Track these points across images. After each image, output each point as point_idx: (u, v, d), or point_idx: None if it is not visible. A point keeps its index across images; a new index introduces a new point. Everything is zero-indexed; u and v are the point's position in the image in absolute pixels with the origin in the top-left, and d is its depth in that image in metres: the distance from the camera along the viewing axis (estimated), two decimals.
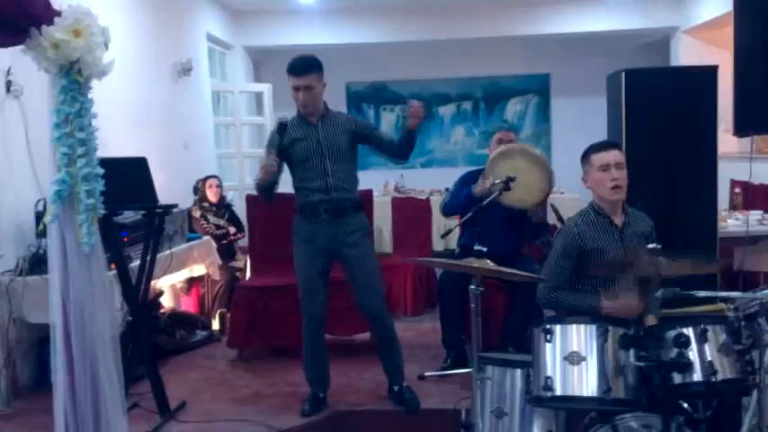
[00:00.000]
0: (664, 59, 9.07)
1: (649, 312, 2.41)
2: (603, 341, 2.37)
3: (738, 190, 6.15)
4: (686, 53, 8.49)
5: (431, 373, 4.18)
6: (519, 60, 9.77)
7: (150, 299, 4.38)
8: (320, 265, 3.70)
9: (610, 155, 3.05)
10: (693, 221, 3.74)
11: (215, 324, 5.42)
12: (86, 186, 2.59)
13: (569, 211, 4.36)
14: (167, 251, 4.46)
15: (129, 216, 4.12)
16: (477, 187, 4.14)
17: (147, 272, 3.82)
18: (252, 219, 5.17)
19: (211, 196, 5.93)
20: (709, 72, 3.81)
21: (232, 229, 5.97)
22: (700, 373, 2.32)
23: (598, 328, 2.38)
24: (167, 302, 5.29)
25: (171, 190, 4.93)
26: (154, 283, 4.16)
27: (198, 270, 5.27)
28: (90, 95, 2.64)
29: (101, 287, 2.69)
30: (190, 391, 4.14)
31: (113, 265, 3.55)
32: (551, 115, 9.95)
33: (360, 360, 4.48)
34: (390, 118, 9.97)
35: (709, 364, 2.32)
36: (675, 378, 2.33)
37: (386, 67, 9.66)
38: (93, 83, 2.67)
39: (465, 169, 4.75)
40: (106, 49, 2.58)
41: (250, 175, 8.46)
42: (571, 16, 8.62)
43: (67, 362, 2.60)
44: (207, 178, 6.03)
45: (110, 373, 2.66)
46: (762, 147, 7.58)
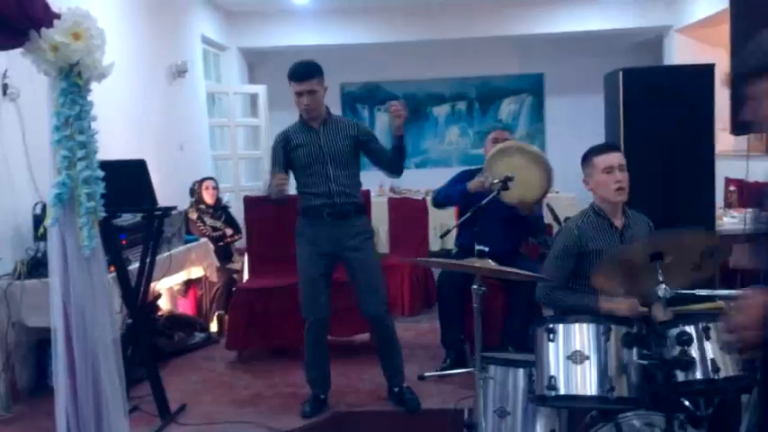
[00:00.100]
0: (657, 58, 9.10)
1: (655, 308, 2.43)
2: (606, 340, 2.38)
3: (733, 188, 6.18)
4: (680, 52, 8.52)
5: (430, 374, 4.19)
6: (513, 60, 9.79)
7: (148, 301, 4.37)
8: (323, 266, 3.71)
9: (613, 157, 3.07)
10: (692, 220, 3.75)
11: (213, 326, 5.42)
12: (87, 189, 2.59)
13: (564, 211, 4.40)
14: (166, 253, 4.45)
15: (127, 219, 4.12)
16: (473, 183, 4.15)
17: (146, 274, 3.81)
18: (250, 220, 5.16)
19: (208, 198, 5.92)
20: (706, 70, 3.82)
21: (229, 231, 5.96)
22: (702, 371, 2.34)
23: (601, 326, 2.39)
24: (165, 305, 5.28)
25: (166, 192, 4.91)
26: (153, 285, 4.15)
27: (196, 272, 5.26)
28: (89, 98, 2.64)
29: (101, 290, 2.69)
30: (189, 393, 4.13)
31: (113, 268, 3.54)
32: (545, 115, 9.97)
33: (359, 361, 4.48)
34: (384, 118, 9.95)
35: (712, 361, 2.33)
36: (678, 376, 2.34)
37: (380, 67, 9.66)
38: (91, 85, 2.68)
39: (460, 169, 4.76)
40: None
41: (245, 176, 8.46)
42: (564, 16, 8.65)
43: (69, 365, 2.60)
44: (203, 180, 6.02)
45: (111, 375, 2.66)
46: (756, 145, 7.61)
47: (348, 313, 4.19)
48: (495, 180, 3.87)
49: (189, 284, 5.53)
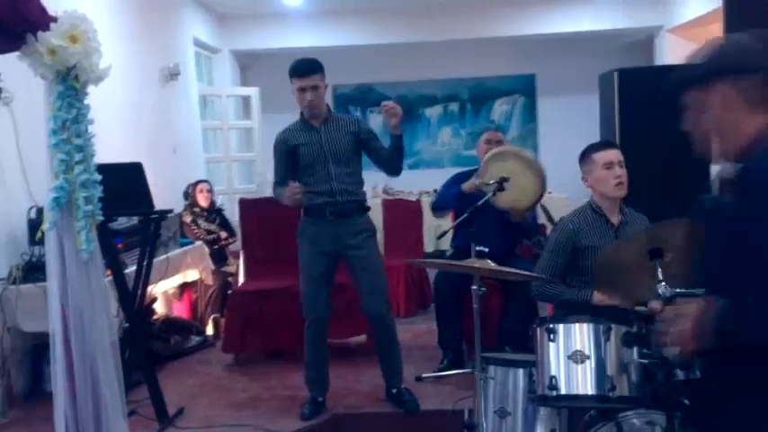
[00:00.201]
0: (648, 59, 9.14)
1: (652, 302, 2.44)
2: (606, 339, 2.39)
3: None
4: (670, 52, 8.55)
5: (428, 375, 4.19)
6: (504, 61, 9.81)
7: (144, 305, 4.35)
8: (324, 266, 3.70)
9: (612, 153, 3.10)
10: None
11: (209, 329, 5.40)
12: (85, 193, 2.58)
13: (558, 211, 4.40)
14: (163, 256, 4.43)
15: (122, 222, 4.10)
16: (467, 184, 4.15)
17: (143, 278, 3.80)
18: (245, 222, 5.16)
19: (202, 201, 5.91)
20: None
21: (223, 234, 5.95)
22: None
23: (601, 326, 2.40)
24: (160, 308, 5.26)
25: (160, 195, 4.87)
26: (149, 289, 4.14)
27: (191, 275, 5.24)
28: (86, 101, 2.64)
29: (100, 293, 2.68)
30: (187, 396, 4.11)
31: (109, 272, 3.52)
32: (538, 115, 10.00)
33: (357, 362, 4.48)
34: (377, 120, 9.95)
35: None
36: (679, 374, 2.35)
37: (372, 68, 9.67)
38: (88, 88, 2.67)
39: (452, 170, 4.77)
40: None
41: (238, 179, 8.45)
42: (555, 17, 8.68)
43: (67, 369, 2.58)
44: (197, 183, 6.01)
45: (110, 379, 2.65)
46: None
47: (346, 315, 4.20)
48: (490, 180, 3.87)
49: (184, 288, 5.51)
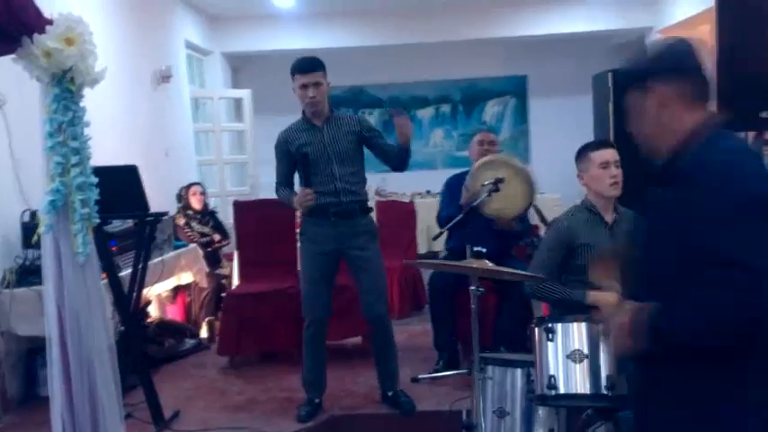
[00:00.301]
0: None
1: None
2: (605, 338, 2.40)
3: None
4: None
5: (424, 376, 4.20)
6: (496, 62, 9.83)
7: (139, 308, 4.33)
8: (325, 266, 3.70)
9: (608, 153, 3.11)
10: None
11: (203, 332, 5.39)
12: (81, 196, 2.57)
13: (550, 211, 4.41)
14: (158, 259, 4.42)
15: (117, 225, 4.09)
16: (463, 199, 4.16)
17: (139, 280, 3.79)
18: (239, 225, 5.15)
19: (195, 204, 5.89)
20: None
21: (217, 237, 5.93)
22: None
23: (600, 325, 2.40)
24: (153, 311, 5.24)
25: (153, 198, 4.86)
26: (145, 292, 4.12)
27: (185, 278, 5.22)
28: (82, 104, 2.63)
29: (96, 297, 2.67)
30: (182, 399, 4.10)
31: (104, 275, 3.51)
32: (529, 116, 10.01)
33: (353, 364, 4.48)
34: (370, 121, 9.98)
35: None
36: None
37: (364, 70, 9.66)
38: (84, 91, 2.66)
39: (445, 172, 4.77)
40: None
41: (231, 181, 8.43)
42: (546, 18, 8.70)
43: (64, 372, 2.57)
44: (190, 185, 6.00)
45: (107, 381, 2.64)
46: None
47: (342, 316, 4.20)
48: (485, 182, 3.88)
49: (177, 291, 5.49)
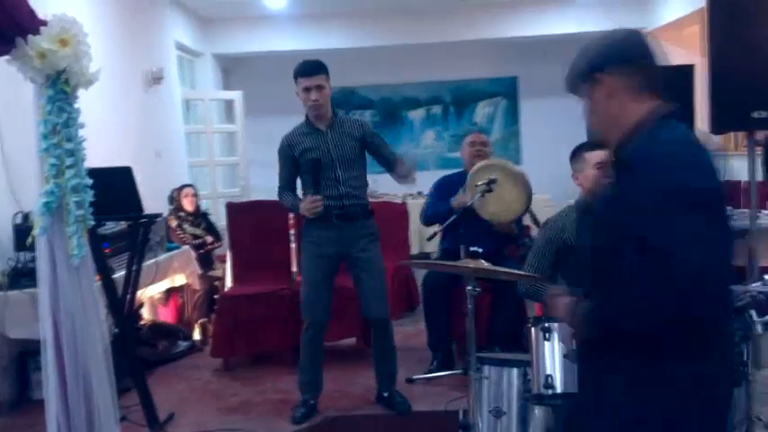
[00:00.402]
0: None
1: None
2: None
3: None
4: None
5: (419, 377, 4.20)
6: (487, 63, 9.85)
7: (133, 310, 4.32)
8: (327, 269, 3.71)
9: (604, 153, 3.10)
10: None
11: (196, 334, 5.37)
12: (76, 197, 2.56)
13: (541, 212, 4.43)
14: (151, 261, 4.40)
15: (110, 227, 4.07)
16: (456, 201, 4.17)
17: (132, 282, 3.77)
18: (233, 227, 5.14)
19: (188, 205, 5.87)
20: (686, 71, 3.88)
21: (209, 239, 5.91)
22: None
23: None
24: (146, 314, 5.22)
25: (144, 200, 4.85)
26: (138, 294, 4.11)
27: (178, 280, 5.20)
28: (77, 105, 2.62)
29: (91, 299, 2.66)
30: (177, 402, 4.09)
31: (98, 277, 3.49)
32: (520, 117, 10.04)
33: (348, 365, 4.49)
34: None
35: None
36: None
37: (355, 72, 9.64)
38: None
39: (436, 173, 4.78)
40: None
41: (222, 182, 8.41)
42: (536, 19, 8.73)
43: (59, 375, 2.56)
44: (182, 187, 5.98)
45: (102, 383, 2.63)
46: (724, 143, 7.75)
47: (337, 317, 4.18)
48: (478, 182, 3.89)
49: (169, 293, 5.47)
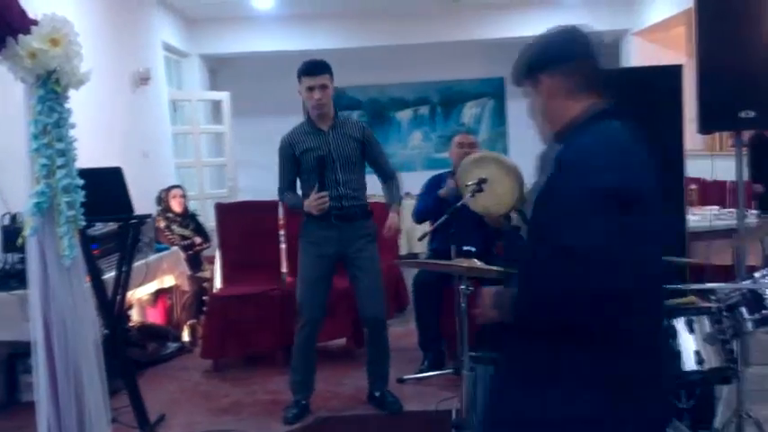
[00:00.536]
0: (614, 62, 9.27)
1: None
2: None
3: (693, 186, 6.34)
4: (637, 55, 8.71)
5: (410, 377, 4.20)
6: (474, 64, 9.88)
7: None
8: (325, 268, 3.71)
9: None
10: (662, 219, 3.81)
11: (185, 335, 5.34)
12: (67, 198, 2.55)
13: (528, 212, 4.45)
14: (141, 261, 4.37)
15: (98, 228, 4.04)
16: (443, 189, 4.18)
17: (123, 284, 3.74)
18: (222, 228, 5.12)
19: (176, 206, 5.84)
20: (674, 71, 3.90)
21: (197, 239, 5.88)
22: (688, 363, 2.39)
23: None
24: (134, 315, 5.18)
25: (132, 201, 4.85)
26: (128, 295, 4.08)
27: (168, 281, 5.18)
28: (67, 105, 2.60)
29: (82, 300, 2.65)
30: (167, 403, 4.07)
31: (88, 278, 3.46)
32: (507, 118, 10.08)
33: (337, 366, 4.49)
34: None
35: (697, 353, 2.39)
36: None
37: (342, 72, 9.49)
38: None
39: (424, 173, 4.79)
40: None
41: (210, 183, 8.38)
42: (523, 20, 8.75)
43: (50, 376, 2.54)
44: (170, 188, 5.94)
45: (94, 384, 2.62)
46: (711, 143, 7.83)
47: (327, 317, 4.17)
48: (469, 182, 3.90)
49: (158, 294, 5.44)
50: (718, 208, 5.49)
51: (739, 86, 3.43)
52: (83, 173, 2.61)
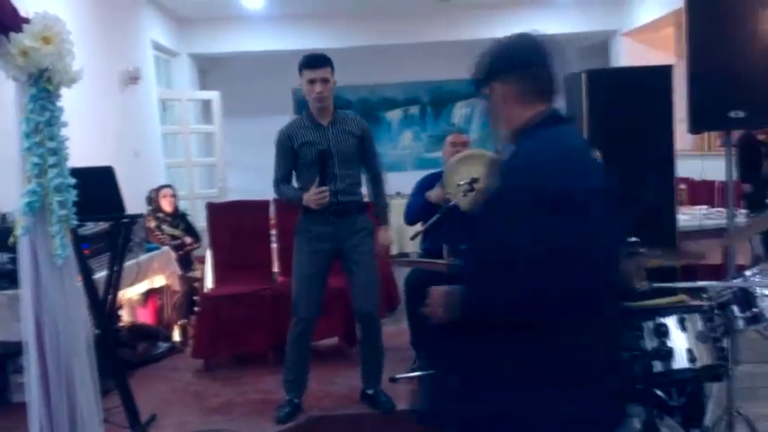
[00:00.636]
0: (603, 62, 9.32)
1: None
2: None
3: (683, 186, 6.38)
4: (626, 55, 8.76)
5: (402, 376, 4.20)
6: (464, 64, 9.78)
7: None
8: (320, 265, 3.70)
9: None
10: (653, 218, 3.83)
11: (175, 335, 5.32)
12: (59, 197, 2.54)
13: None
14: (133, 261, 4.36)
15: (89, 227, 4.02)
16: (433, 193, 4.19)
17: (114, 283, 3.73)
18: (213, 227, 5.10)
19: (166, 206, 5.82)
20: (665, 71, 3.93)
21: (188, 239, 5.86)
22: (680, 361, 2.40)
23: None
24: (125, 315, 5.16)
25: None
26: (120, 295, 4.07)
27: (158, 281, 5.16)
28: (59, 103, 2.60)
29: (74, 299, 2.64)
30: (158, 403, 4.05)
31: (79, 278, 3.45)
32: None
33: (329, 364, 4.48)
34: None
35: (689, 351, 2.40)
36: (656, 366, 2.40)
37: None
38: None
39: (414, 173, 4.79)
40: None
41: (199, 183, 8.36)
42: (512, 20, 8.75)
43: (42, 376, 2.53)
44: (161, 188, 5.92)
45: (85, 384, 2.61)
46: (699, 143, 7.88)
47: (321, 317, 4.18)
48: (461, 182, 3.91)
49: (148, 294, 5.42)
50: (707, 207, 5.54)
51: (729, 87, 3.46)
52: (74, 172, 2.61)
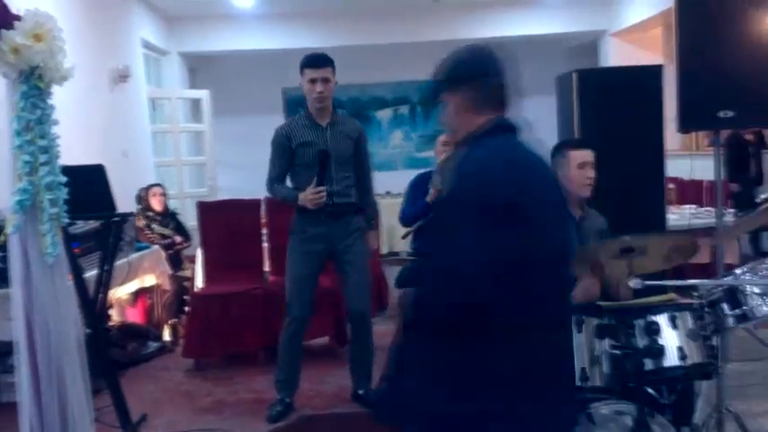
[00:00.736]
0: (592, 62, 9.36)
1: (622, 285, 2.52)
2: (578, 331, 2.44)
3: (672, 186, 6.42)
4: (614, 55, 8.80)
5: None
6: None
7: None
8: (313, 265, 3.71)
9: (588, 154, 3.11)
10: (643, 217, 3.85)
11: (165, 335, 5.30)
12: (50, 195, 2.53)
13: None
14: (123, 260, 4.34)
15: (79, 226, 4.00)
16: (430, 197, 4.19)
17: (105, 282, 3.71)
18: (204, 226, 5.09)
19: (156, 205, 5.80)
20: (655, 71, 3.96)
21: (178, 238, 5.84)
22: (671, 359, 2.42)
23: (574, 318, 2.45)
24: (114, 315, 5.14)
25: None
26: (110, 294, 4.05)
27: (148, 280, 5.14)
28: (50, 101, 2.58)
29: (65, 298, 2.63)
30: (149, 403, 4.04)
31: (70, 277, 3.43)
32: None
33: (320, 364, 4.48)
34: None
35: (679, 349, 2.42)
36: (648, 364, 2.42)
37: None
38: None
39: (405, 173, 4.78)
40: None
41: (189, 182, 8.33)
42: (502, 20, 8.81)
43: (33, 375, 2.52)
44: (150, 187, 5.90)
45: (76, 383, 2.60)
46: (688, 143, 7.93)
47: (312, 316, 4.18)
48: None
49: (138, 293, 5.40)
50: (695, 207, 5.58)
51: (718, 86, 3.48)
52: (65, 170, 2.59)
